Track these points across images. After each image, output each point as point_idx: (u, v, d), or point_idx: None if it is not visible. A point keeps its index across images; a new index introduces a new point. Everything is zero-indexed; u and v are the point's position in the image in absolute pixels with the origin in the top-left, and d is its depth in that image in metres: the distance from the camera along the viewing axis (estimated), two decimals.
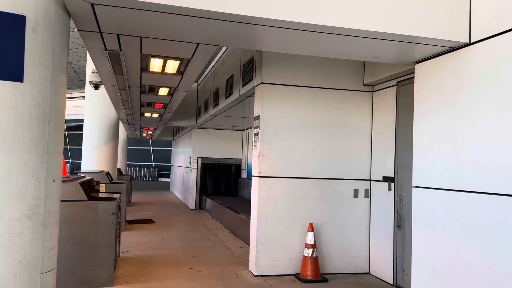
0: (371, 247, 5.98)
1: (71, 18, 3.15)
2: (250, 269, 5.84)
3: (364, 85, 6.08)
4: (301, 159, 5.79)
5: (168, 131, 19.33)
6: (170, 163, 24.16)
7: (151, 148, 33.28)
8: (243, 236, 8.03)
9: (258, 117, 5.79)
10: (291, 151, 5.78)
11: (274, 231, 5.66)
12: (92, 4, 2.88)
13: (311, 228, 5.52)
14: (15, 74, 2.66)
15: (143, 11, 3.00)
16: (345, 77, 6.03)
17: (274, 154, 5.70)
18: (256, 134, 5.83)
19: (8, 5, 2.62)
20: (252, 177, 5.88)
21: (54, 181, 2.95)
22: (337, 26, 3.20)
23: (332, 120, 5.95)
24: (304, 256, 5.49)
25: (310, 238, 5.47)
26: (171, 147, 23.83)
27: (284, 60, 5.79)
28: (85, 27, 3.42)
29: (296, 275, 5.58)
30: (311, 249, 5.44)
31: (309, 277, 5.38)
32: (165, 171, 32.19)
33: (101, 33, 3.59)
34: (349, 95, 6.03)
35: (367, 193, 6.01)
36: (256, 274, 5.58)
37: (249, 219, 7.60)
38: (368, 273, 5.96)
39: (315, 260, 5.45)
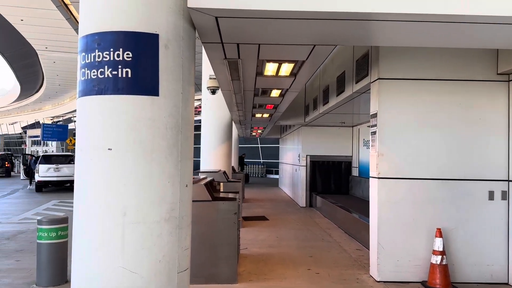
0: (510, 255, 5.32)
1: (196, 32, 3.33)
2: (371, 273, 5.62)
3: (498, 74, 5.41)
4: (425, 158, 5.38)
5: (276, 129, 19.67)
6: (278, 160, 24.57)
7: (259, 145, 34.24)
8: (359, 237, 7.78)
9: (375, 115, 5.53)
10: (414, 150, 5.40)
11: (396, 236, 5.36)
12: (216, 18, 3.00)
13: (439, 233, 5.09)
14: (152, 89, 2.89)
15: (262, 19, 3.04)
16: (475, 66, 5.44)
17: (394, 154, 5.39)
18: (373, 133, 5.58)
19: (143, 25, 2.84)
20: (370, 178, 5.64)
21: (186, 186, 3.15)
22: (475, 14, 2.87)
23: (461, 115, 5.42)
24: (431, 263, 5.10)
25: (438, 244, 5.06)
26: (278, 144, 24.23)
27: (402, 52, 5.44)
28: (208, 39, 3.60)
29: (423, 283, 5.21)
30: (439, 256, 5.02)
31: (438, 286, 4.98)
32: (273, 168, 32.85)
33: (222, 43, 3.74)
34: (480, 86, 5.42)
35: (505, 195, 5.35)
36: (378, 280, 5.34)
37: (365, 220, 7.35)
38: (507, 283, 5.32)
39: (444, 268, 5.02)
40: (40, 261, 5.08)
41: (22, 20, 16.32)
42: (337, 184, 13.43)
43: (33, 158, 21.16)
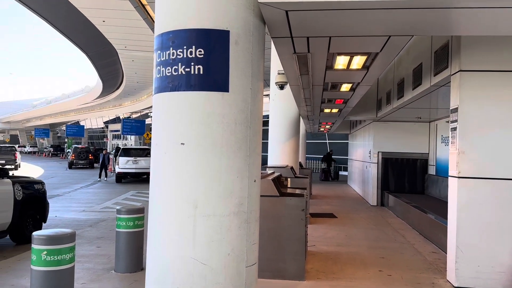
0: None
1: (265, 27, 3.31)
2: (448, 278, 5.27)
3: None
4: (511, 157, 4.92)
5: (345, 125, 19.19)
6: (346, 156, 23.99)
7: (327, 141, 33.70)
8: (435, 239, 7.35)
9: (455, 110, 5.15)
10: (499, 148, 4.96)
11: (477, 240, 4.97)
12: (286, 11, 2.96)
13: None
14: (222, 85, 2.92)
15: (334, 11, 2.94)
16: None
17: (476, 152, 4.99)
18: (454, 129, 5.20)
19: (214, 22, 2.88)
20: (449, 178, 5.27)
21: (255, 181, 3.16)
22: None
23: None
24: None
25: None
26: (347, 140, 23.64)
27: (486, 42, 5.00)
28: (278, 34, 3.56)
29: None
30: None
31: None
32: (341, 165, 32.17)
33: (292, 37, 3.69)
34: None
35: None
36: (456, 286, 5.00)
37: (442, 221, 6.91)
38: None
39: None
40: (119, 248, 5.42)
41: (104, 21, 17.51)
42: (412, 183, 12.78)
43: (107, 153, 22.39)
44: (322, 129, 20.44)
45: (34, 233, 3.81)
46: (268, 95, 11.62)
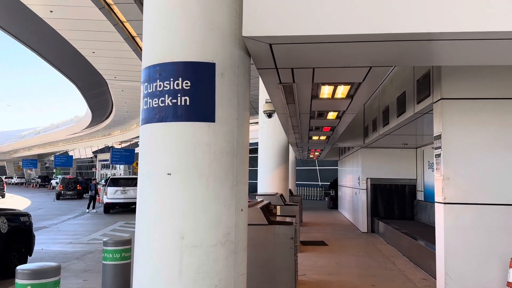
0: None
1: (251, 59, 3.40)
2: None
3: None
4: (496, 182, 5.01)
5: (334, 151, 19.34)
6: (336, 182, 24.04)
7: (317, 168, 33.82)
8: (425, 266, 7.33)
9: (439, 137, 5.26)
10: (483, 173, 5.05)
11: (465, 266, 4.98)
12: (270, 45, 3.05)
13: None
14: (209, 115, 2.98)
15: (317, 44, 3.05)
16: None
17: (461, 177, 5.07)
18: (438, 155, 5.30)
19: (200, 55, 2.96)
20: (436, 204, 5.33)
21: (242, 210, 3.17)
22: None
23: None
24: None
25: None
26: (337, 166, 23.76)
27: (466, 71, 5.17)
28: (263, 65, 3.66)
29: None
30: None
31: None
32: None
33: (277, 69, 3.79)
34: None
35: None
36: None
37: (431, 247, 6.91)
38: None
39: None
40: (105, 282, 5.30)
41: (93, 52, 17.68)
42: (401, 209, 12.83)
43: (95, 183, 21.81)
44: (311, 156, 20.55)
45: (18, 267, 3.73)
46: (257, 122, 11.73)
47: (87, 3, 11.55)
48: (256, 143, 11.45)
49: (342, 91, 5.15)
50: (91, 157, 66.37)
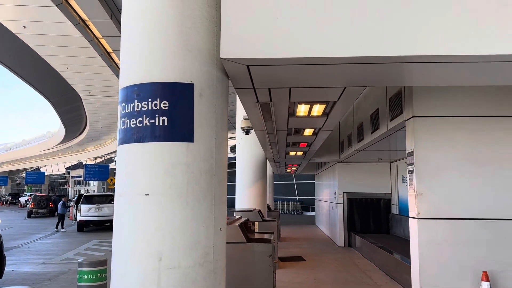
0: None
1: (229, 79, 3.45)
2: None
3: None
4: (467, 198, 5.18)
5: (311, 166, 19.52)
6: (313, 196, 24.21)
7: (294, 182, 33.98)
8: (401, 280, 7.44)
9: (411, 153, 5.42)
10: (455, 189, 5.21)
11: (439, 279, 5.10)
12: (247, 66, 3.11)
13: (486, 277, 4.81)
14: (187, 135, 3.00)
15: (293, 66, 3.13)
16: None
17: (433, 193, 5.22)
18: (411, 171, 5.45)
19: (179, 76, 3.00)
20: (410, 219, 5.46)
21: (220, 229, 3.17)
22: (503, 54, 2.83)
23: (503, 151, 5.22)
24: None
25: None
26: (314, 180, 23.96)
27: (437, 90, 5.38)
28: (241, 85, 3.72)
29: None
30: None
31: None
32: (309, 205, 32.36)
33: (254, 88, 3.85)
34: None
35: None
36: None
37: (407, 261, 7.04)
38: None
39: None
40: None
41: (67, 68, 17.42)
42: (377, 223, 13.01)
43: (64, 200, 21.16)
44: (288, 171, 20.69)
45: None
46: (234, 137, 11.77)
47: (62, 19, 11.43)
48: (234, 158, 11.46)
49: (318, 109, 5.26)
50: (64, 174, 64.71)
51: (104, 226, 19.83)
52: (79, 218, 19.08)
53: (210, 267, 3.01)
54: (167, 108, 2.96)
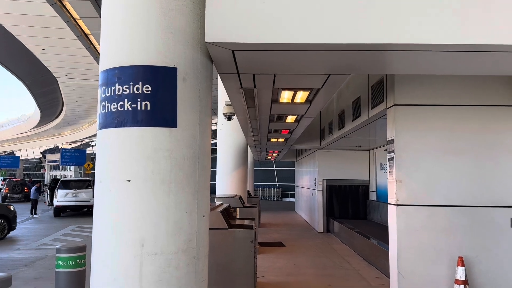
0: None
1: (213, 64, 3.39)
2: None
3: None
4: (445, 185, 5.30)
5: (292, 153, 19.64)
6: (293, 183, 24.42)
7: (274, 168, 34.18)
8: (379, 265, 7.61)
9: (392, 141, 5.49)
10: (433, 176, 5.32)
11: (416, 264, 5.23)
12: (232, 51, 3.06)
13: (461, 262, 4.96)
14: (170, 120, 2.94)
15: (278, 52, 3.09)
16: (494, 91, 5.39)
17: (413, 180, 5.32)
18: (391, 159, 5.53)
19: (162, 59, 2.92)
20: (389, 205, 5.56)
21: (203, 216, 3.15)
22: (485, 43, 2.87)
23: (481, 140, 5.34)
24: None
25: (460, 273, 4.92)
26: (294, 167, 24.14)
27: (418, 79, 5.43)
28: (225, 71, 3.66)
29: None
30: (462, 286, 4.88)
31: None
32: (289, 191, 32.66)
33: (238, 74, 3.81)
34: (502, 112, 5.36)
35: None
36: None
37: (384, 246, 7.20)
38: None
39: None
40: None
41: (43, 49, 16.91)
42: (355, 209, 13.24)
43: (38, 186, 20.66)
44: (269, 157, 20.77)
45: None
46: (216, 123, 11.69)
47: None
48: (215, 144, 11.40)
49: (301, 96, 5.25)
50: (40, 158, 63.32)
51: (81, 212, 19.55)
52: (55, 203, 18.76)
53: (193, 253, 3.00)
54: (149, 92, 2.89)
